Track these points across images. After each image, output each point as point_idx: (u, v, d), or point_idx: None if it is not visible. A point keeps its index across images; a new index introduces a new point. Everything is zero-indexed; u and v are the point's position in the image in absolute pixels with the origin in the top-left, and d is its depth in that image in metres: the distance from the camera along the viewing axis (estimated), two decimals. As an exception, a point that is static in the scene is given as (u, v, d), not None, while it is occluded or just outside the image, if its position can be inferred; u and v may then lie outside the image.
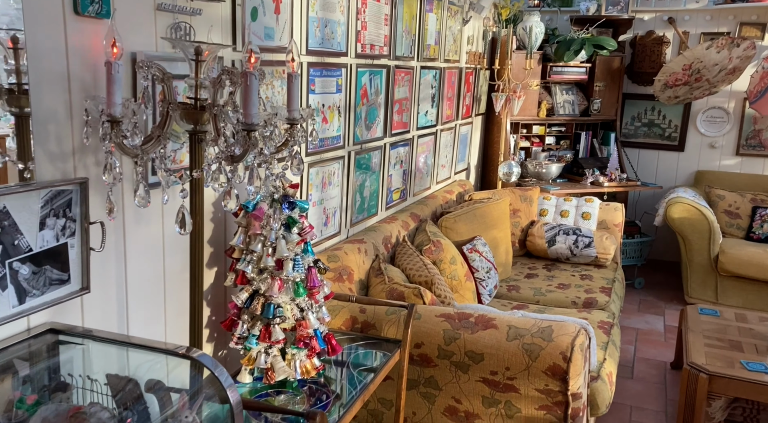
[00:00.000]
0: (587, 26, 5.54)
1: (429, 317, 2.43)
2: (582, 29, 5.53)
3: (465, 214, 3.77)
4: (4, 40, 1.44)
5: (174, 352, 1.39)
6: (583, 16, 5.60)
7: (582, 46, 5.32)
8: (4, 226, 1.33)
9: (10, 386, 1.38)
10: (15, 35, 1.42)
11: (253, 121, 1.33)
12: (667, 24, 5.73)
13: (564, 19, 5.88)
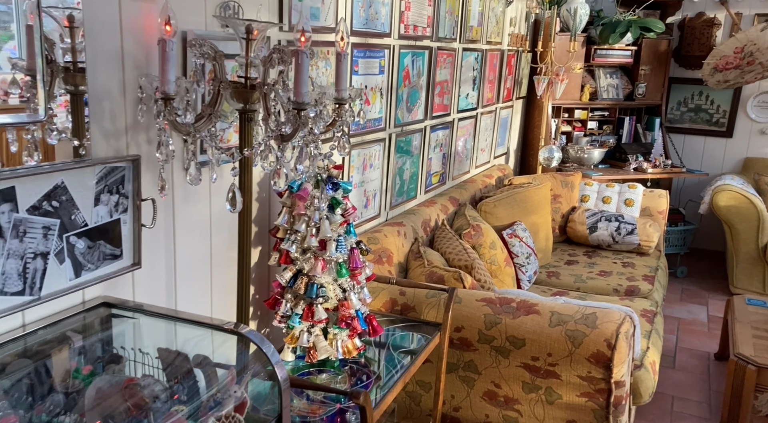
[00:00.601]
0: (634, 8, 5.37)
1: (470, 301, 2.42)
2: (628, 11, 5.37)
3: (505, 199, 3.72)
4: (61, 19, 1.46)
5: (223, 327, 1.41)
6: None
7: (628, 29, 5.17)
8: (62, 201, 1.36)
9: (67, 356, 1.42)
10: (71, 14, 1.44)
11: (304, 100, 1.33)
12: (718, 5, 5.52)
13: (609, 0, 5.71)
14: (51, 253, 1.36)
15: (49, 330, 1.41)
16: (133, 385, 1.28)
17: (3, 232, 1.24)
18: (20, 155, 1.40)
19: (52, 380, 1.37)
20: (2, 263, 1.25)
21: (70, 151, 1.45)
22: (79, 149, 1.50)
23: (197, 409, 1.36)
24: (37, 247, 1.32)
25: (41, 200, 1.32)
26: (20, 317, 1.37)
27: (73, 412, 1.30)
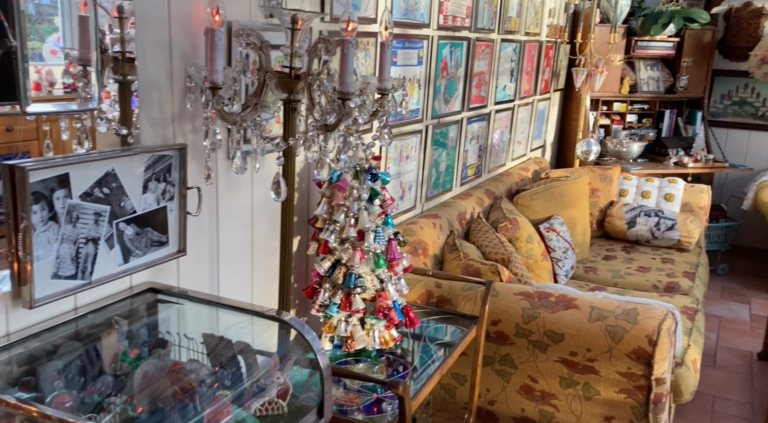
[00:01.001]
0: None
1: (507, 295, 2.40)
2: (671, 1, 5.23)
3: (542, 192, 3.68)
4: (111, 10, 1.49)
5: (266, 314, 1.42)
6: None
7: (671, 20, 5.04)
8: (112, 187, 1.39)
9: (115, 339, 1.46)
10: (121, 5, 1.47)
11: (349, 89, 1.33)
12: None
13: (651, -10, 5.57)
14: (102, 238, 1.39)
15: (98, 314, 1.45)
16: (179, 370, 1.30)
17: (58, 217, 1.28)
18: (70, 143, 1.44)
19: (101, 362, 1.41)
20: (57, 248, 1.29)
21: (117, 139, 1.49)
22: (127, 138, 1.53)
23: (241, 395, 1.38)
24: (89, 233, 1.36)
25: (93, 187, 1.35)
26: (72, 301, 1.41)
27: (122, 393, 1.33)
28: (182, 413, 1.26)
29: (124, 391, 1.35)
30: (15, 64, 1.10)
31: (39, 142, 1.33)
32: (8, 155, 1.24)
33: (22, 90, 1.11)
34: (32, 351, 1.30)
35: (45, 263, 1.27)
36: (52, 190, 1.26)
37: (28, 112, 1.16)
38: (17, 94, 1.12)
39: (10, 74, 1.12)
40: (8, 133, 1.25)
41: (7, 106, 1.18)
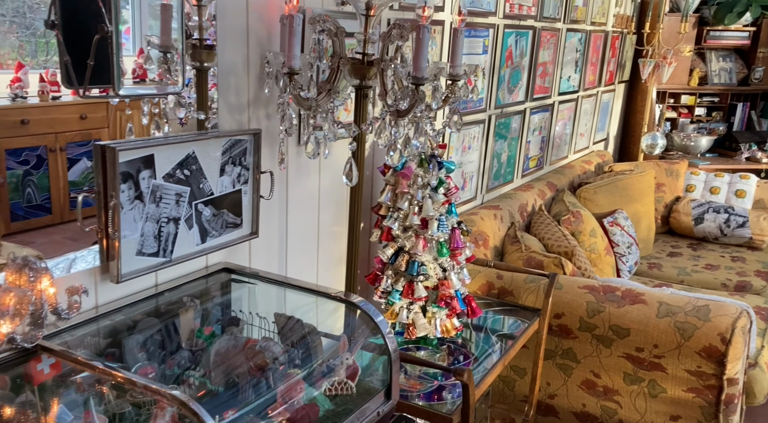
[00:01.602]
0: (755, -16, 4.98)
1: (571, 288, 2.36)
2: (747, -12, 4.98)
3: (606, 186, 3.59)
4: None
5: (338, 296, 1.45)
6: (750, -27, 5.03)
7: (747, 8, 4.81)
8: (192, 170, 1.44)
9: (191, 316, 1.52)
10: (201, -7, 1.52)
11: (423, 74, 1.33)
12: None
13: (725, -23, 5.32)
14: (182, 218, 1.45)
15: (176, 291, 1.51)
16: (254, 347, 1.35)
17: (143, 196, 1.34)
18: (149, 128, 1.50)
19: (179, 338, 1.47)
20: (141, 226, 1.35)
21: (189, 125, 1.54)
22: (205, 122, 1.58)
23: (310, 374, 1.41)
24: (171, 213, 1.42)
25: (175, 168, 1.40)
26: (153, 277, 1.47)
27: (199, 368, 1.39)
28: (256, 389, 1.30)
29: (200, 365, 1.40)
30: (110, 48, 1.15)
31: (109, 129, 1.39)
32: (82, 142, 1.31)
33: (115, 73, 1.17)
34: (116, 324, 1.37)
35: (131, 240, 1.33)
36: (138, 170, 1.32)
37: (121, 95, 1.21)
38: (111, 77, 1.17)
39: (105, 59, 1.17)
40: (81, 121, 1.32)
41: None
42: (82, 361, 1.12)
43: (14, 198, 1.21)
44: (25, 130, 1.23)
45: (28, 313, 1.11)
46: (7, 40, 1.18)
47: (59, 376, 1.22)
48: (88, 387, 1.23)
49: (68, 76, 1.17)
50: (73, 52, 1.17)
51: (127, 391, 1.24)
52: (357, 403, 1.36)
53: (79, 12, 1.19)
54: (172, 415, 1.17)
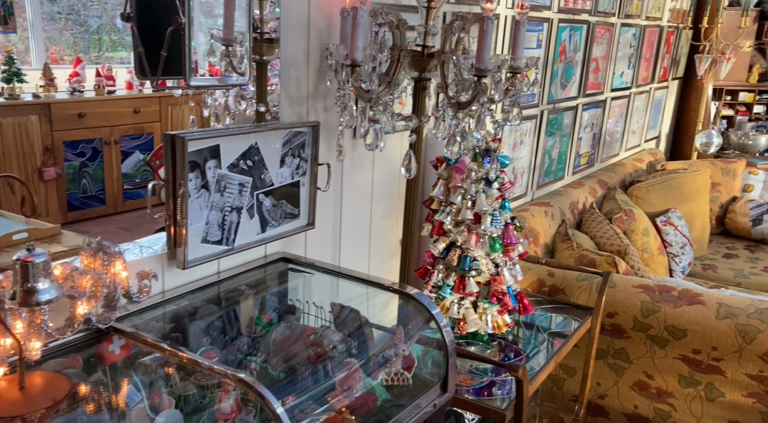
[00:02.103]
0: (820, -24, 4.77)
1: (625, 287, 2.31)
2: (813, -20, 4.78)
3: (659, 184, 3.50)
4: (254, -8, 1.56)
5: (395, 288, 1.46)
6: (816, -35, 4.83)
7: (811, 0, 4.60)
8: (254, 160, 1.47)
9: (250, 304, 1.55)
10: (264, -14, 1.54)
11: (486, 66, 1.32)
12: None
13: (788, -31, 5.12)
14: (244, 208, 1.48)
15: (236, 279, 1.55)
16: (313, 335, 1.37)
17: (209, 185, 1.37)
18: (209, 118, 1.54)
19: (239, 324, 1.51)
20: (207, 214, 1.38)
21: (246, 116, 1.57)
22: (265, 114, 1.61)
23: (366, 364, 1.42)
24: (234, 202, 1.45)
25: (239, 159, 1.43)
26: (216, 265, 1.51)
27: (258, 354, 1.42)
28: (315, 376, 1.32)
29: (260, 351, 1.43)
30: (183, 40, 1.18)
31: (161, 123, 1.42)
32: (135, 135, 1.35)
33: (187, 64, 1.20)
34: (180, 309, 1.41)
35: (196, 228, 1.37)
36: (205, 159, 1.35)
37: (192, 85, 1.24)
38: (183, 68, 1.20)
39: (177, 50, 1.21)
40: (135, 115, 1.35)
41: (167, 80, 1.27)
42: (154, 344, 1.16)
43: (71, 189, 1.26)
44: (81, 123, 1.28)
45: (103, 295, 1.15)
46: (63, 37, 1.22)
47: (128, 358, 1.27)
48: (156, 369, 1.27)
49: (142, 66, 1.21)
50: (147, 44, 1.21)
51: (192, 373, 1.28)
52: (413, 395, 1.37)
53: (152, 5, 1.23)
54: (235, 398, 1.20)
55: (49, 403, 1.02)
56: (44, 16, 1.17)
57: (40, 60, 1.20)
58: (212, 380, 1.27)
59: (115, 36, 1.31)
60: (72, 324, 1.11)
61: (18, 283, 0.95)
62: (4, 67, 1.13)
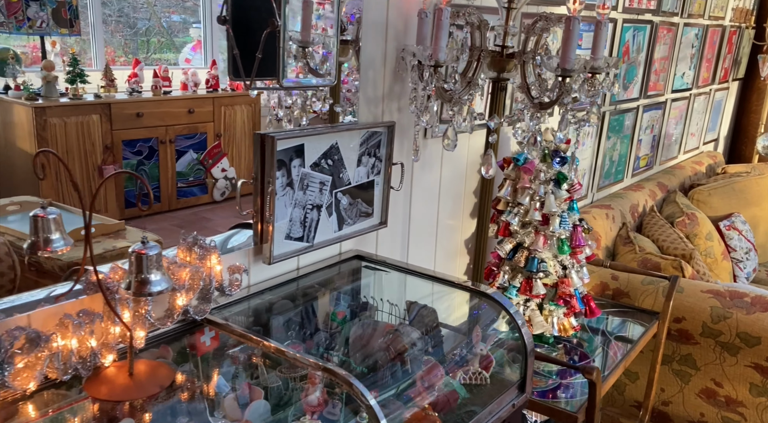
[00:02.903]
0: None
1: (693, 292, 2.26)
2: None
3: (721, 188, 3.41)
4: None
5: (471, 288, 1.47)
6: None
7: None
8: (334, 160, 1.50)
9: (327, 300, 1.58)
10: (343, -11, 1.57)
11: (572, 66, 1.32)
12: None
13: None
14: (323, 206, 1.51)
15: (314, 275, 1.58)
16: (393, 332, 1.38)
17: (293, 183, 1.40)
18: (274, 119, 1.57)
19: (316, 320, 1.54)
20: (290, 211, 1.42)
21: (314, 116, 1.59)
22: (339, 115, 1.64)
23: (442, 362, 1.44)
24: (315, 200, 1.48)
25: (320, 158, 1.46)
26: (295, 261, 1.54)
27: (337, 349, 1.44)
28: (396, 373, 1.33)
29: (337, 347, 1.46)
30: (278, 41, 1.22)
31: (214, 123, 1.45)
32: (189, 135, 1.37)
33: (281, 66, 1.23)
34: (263, 304, 1.45)
35: (281, 225, 1.40)
36: (291, 158, 1.39)
37: (285, 86, 1.28)
38: (276, 69, 1.24)
39: (268, 52, 1.24)
40: (189, 115, 1.39)
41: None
42: (249, 336, 1.20)
43: (128, 186, 1.29)
44: (139, 122, 1.31)
45: (199, 288, 1.19)
46: (114, 39, 1.26)
47: (217, 349, 1.31)
48: (243, 360, 1.31)
49: (236, 67, 1.25)
50: (242, 46, 1.25)
51: (276, 365, 1.31)
52: (491, 394, 1.37)
53: (247, 8, 1.26)
54: (322, 391, 1.23)
55: (157, 389, 1.07)
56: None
57: (100, 61, 1.24)
58: (296, 373, 1.30)
59: (163, 38, 1.35)
60: (172, 315, 1.15)
61: (133, 274, 0.99)
62: (68, 69, 1.17)
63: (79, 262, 1.03)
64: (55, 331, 0.98)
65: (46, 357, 0.97)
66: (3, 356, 0.90)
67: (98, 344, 1.04)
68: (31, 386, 0.96)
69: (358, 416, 1.20)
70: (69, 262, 1.08)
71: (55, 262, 1.09)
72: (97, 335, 1.03)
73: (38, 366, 0.96)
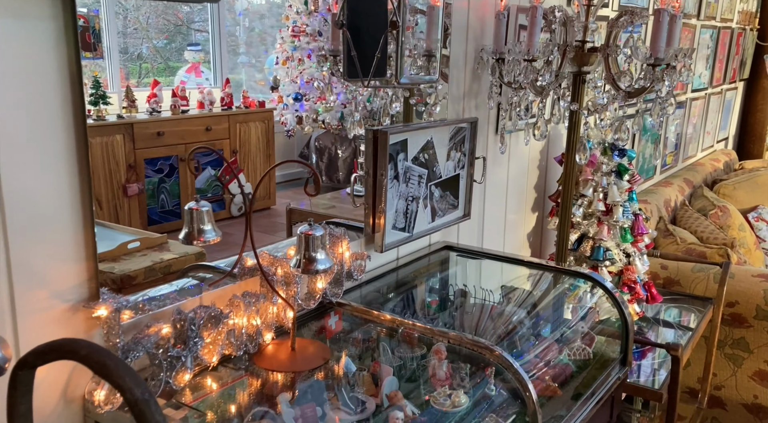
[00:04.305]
0: None
1: (744, 277, 2.36)
2: None
3: (745, 182, 3.53)
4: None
5: (576, 271, 1.55)
6: None
7: None
8: (429, 154, 1.58)
9: (423, 288, 1.65)
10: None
11: (662, 55, 1.42)
12: None
13: None
14: (421, 198, 1.58)
15: (411, 265, 1.65)
16: (500, 313, 1.46)
17: (399, 176, 1.48)
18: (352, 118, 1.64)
19: (417, 304, 1.60)
20: (396, 202, 1.49)
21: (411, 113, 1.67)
22: (423, 113, 1.72)
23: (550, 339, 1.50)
24: (414, 192, 1.55)
25: (419, 152, 1.54)
26: (395, 252, 1.61)
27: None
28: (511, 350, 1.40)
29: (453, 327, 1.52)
30: (397, 41, 1.30)
31: (230, 140, 1.50)
32: (206, 152, 1.41)
33: (399, 65, 1.31)
34: (373, 290, 1.52)
35: (389, 215, 1.47)
36: (397, 152, 1.47)
37: (401, 83, 1.36)
38: (396, 68, 1.32)
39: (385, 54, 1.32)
40: (207, 133, 1.44)
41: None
42: (376, 315, 1.26)
43: (150, 204, 1.30)
44: (160, 141, 1.34)
45: (334, 272, 1.26)
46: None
47: (342, 331, 1.37)
48: (368, 341, 1.37)
49: (353, 68, 1.33)
50: (359, 47, 1.33)
51: (395, 347, 1.38)
52: (596, 368, 1.45)
53: (362, 13, 1.35)
54: (447, 366, 1.30)
55: (320, 362, 1.13)
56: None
57: (116, 83, 1.26)
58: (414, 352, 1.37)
59: (157, 63, 1.38)
60: (314, 296, 1.22)
61: (300, 253, 1.06)
62: (91, 91, 1.18)
63: (130, 274, 1.08)
64: (231, 310, 1.05)
65: (226, 333, 1.03)
66: (195, 331, 0.96)
67: (262, 323, 1.10)
68: (214, 360, 1.02)
69: (487, 387, 1.26)
70: (121, 275, 1.11)
71: (108, 275, 1.10)
72: (260, 315, 1.10)
73: (219, 341, 1.02)
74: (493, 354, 1.12)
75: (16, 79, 0.85)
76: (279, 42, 1.59)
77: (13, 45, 0.84)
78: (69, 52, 0.90)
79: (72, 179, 0.93)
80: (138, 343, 0.91)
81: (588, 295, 1.63)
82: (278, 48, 1.60)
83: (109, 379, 0.61)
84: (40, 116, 0.88)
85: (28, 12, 0.85)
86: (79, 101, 0.93)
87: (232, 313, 1.04)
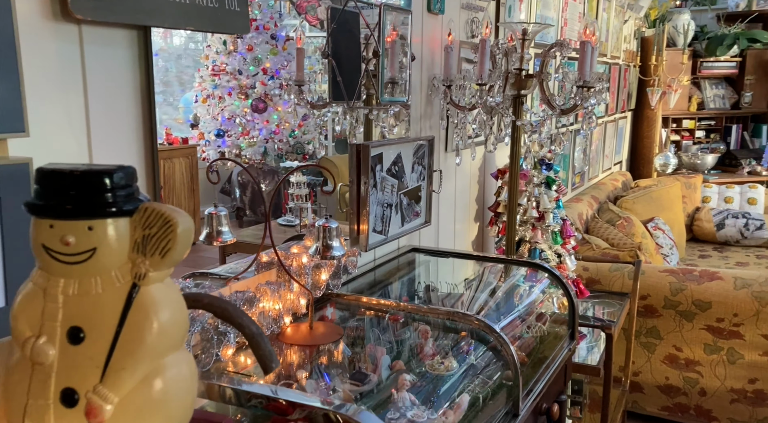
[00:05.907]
0: (739, 21, 5.64)
1: (653, 273, 2.74)
2: (733, 25, 5.64)
3: (641, 197, 4.03)
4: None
5: (527, 262, 1.80)
6: (733, 12, 5.71)
7: (735, 41, 5.44)
8: (399, 167, 1.80)
9: (402, 282, 1.85)
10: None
11: (589, 79, 1.73)
12: (822, 15, 5.70)
13: (709, 17, 5.99)
14: (393, 205, 1.79)
15: (384, 266, 1.85)
16: (471, 299, 1.68)
17: (377, 185, 1.68)
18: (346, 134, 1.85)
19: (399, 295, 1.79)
20: (375, 208, 1.69)
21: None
22: (385, 133, 1.95)
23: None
24: (389, 199, 1.76)
25: (391, 165, 1.75)
26: (373, 253, 1.80)
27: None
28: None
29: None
30: (378, 68, 1.52)
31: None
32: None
33: (380, 87, 1.53)
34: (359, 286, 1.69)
35: (371, 219, 1.67)
36: (375, 164, 1.67)
37: (382, 103, 1.57)
38: (378, 89, 1.54)
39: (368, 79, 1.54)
40: None
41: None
42: (371, 303, 1.44)
43: None
44: None
45: (334, 265, 1.43)
46: None
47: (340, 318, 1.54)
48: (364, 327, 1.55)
49: (337, 91, 1.53)
50: (343, 74, 1.54)
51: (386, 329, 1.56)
52: (551, 342, 1.70)
53: (343, 45, 1.56)
54: (432, 343, 1.49)
55: (336, 337, 1.29)
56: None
57: None
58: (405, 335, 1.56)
59: None
60: (319, 286, 1.39)
61: (320, 241, 1.23)
62: None
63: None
64: (260, 295, 1.19)
65: (258, 314, 1.17)
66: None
67: (282, 307, 1.25)
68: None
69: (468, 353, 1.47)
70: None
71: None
72: (281, 300, 1.25)
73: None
74: (477, 322, 1.33)
75: (102, 91, 1.00)
76: (198, 81, 1.66)
77: (101, 65, 1.00)
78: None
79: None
80: (195, 320, 1.04)
81: (538, 284, 1.89)
82: (197, 86, 1.66)
83: (230, 320, 0.76)
84: (119, 123, 1.03)
85: (112, 41, 1.00)
86: (148, 114, 1.08)
87: (262, 298, 1.19)
